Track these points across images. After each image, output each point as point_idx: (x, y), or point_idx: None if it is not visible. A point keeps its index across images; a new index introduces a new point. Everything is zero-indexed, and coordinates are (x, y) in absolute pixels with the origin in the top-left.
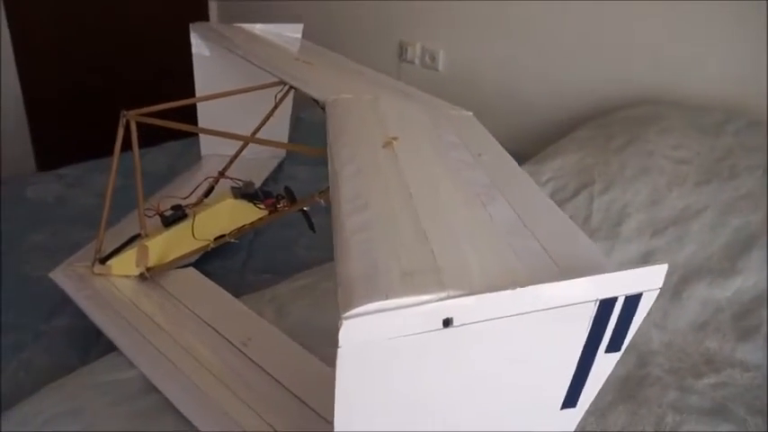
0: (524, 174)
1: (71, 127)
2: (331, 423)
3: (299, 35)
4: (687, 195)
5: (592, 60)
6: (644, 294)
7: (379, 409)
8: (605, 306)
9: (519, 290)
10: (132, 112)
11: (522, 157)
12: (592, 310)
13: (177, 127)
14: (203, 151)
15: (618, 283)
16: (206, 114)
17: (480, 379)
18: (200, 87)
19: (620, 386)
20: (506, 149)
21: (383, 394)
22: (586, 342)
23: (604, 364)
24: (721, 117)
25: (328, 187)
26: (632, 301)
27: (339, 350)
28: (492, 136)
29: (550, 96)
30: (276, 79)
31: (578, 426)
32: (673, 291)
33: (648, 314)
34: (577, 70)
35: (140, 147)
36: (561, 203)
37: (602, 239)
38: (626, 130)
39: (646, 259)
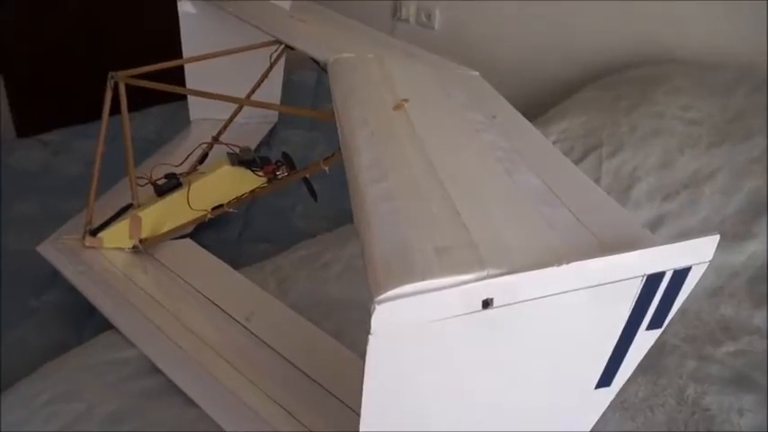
0: (542, 136)
1: (51, 91)
2: (341, 400)
3: None
4: (699, 158)
5: (595, 19)
6: (693, 267)
7: (409, 396)
8: (652, 281)
9: (564, 266)
10: (121, 74)
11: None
12: (637, 286)
13: (172, 90)
14: (192, 116)
15: (667, 257)
16: (194, 77)
17: (512, 361)
18: (188, 48)
19: None
20: None
21: (413, 380)
22: (628, 319)
23: (644, 341)
24: (733, 76)
25: (333, 153)
26: (680, 276)
27: (370, 337)
28: (502, 97)
29: (552, 56)
30: (271, 38)
31: None
32: None
33: None
34: (579, 29)
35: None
36: None
37: None
38: (633, 90)
39: (658, 224)
